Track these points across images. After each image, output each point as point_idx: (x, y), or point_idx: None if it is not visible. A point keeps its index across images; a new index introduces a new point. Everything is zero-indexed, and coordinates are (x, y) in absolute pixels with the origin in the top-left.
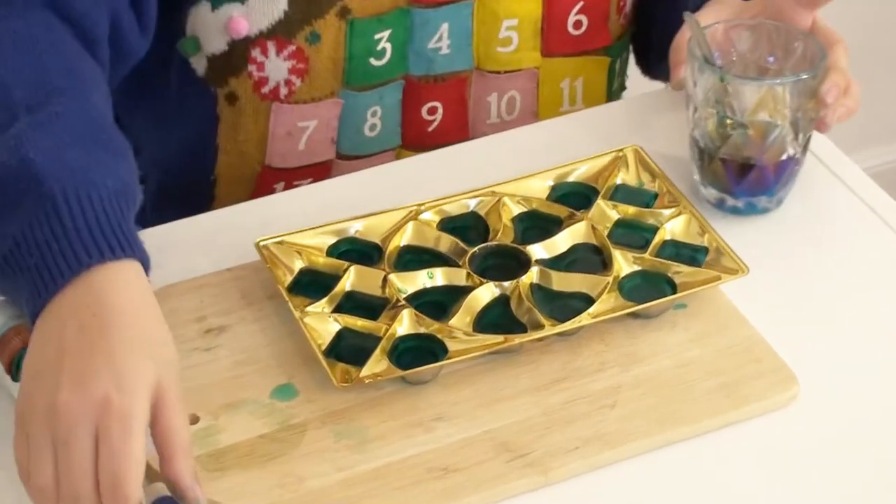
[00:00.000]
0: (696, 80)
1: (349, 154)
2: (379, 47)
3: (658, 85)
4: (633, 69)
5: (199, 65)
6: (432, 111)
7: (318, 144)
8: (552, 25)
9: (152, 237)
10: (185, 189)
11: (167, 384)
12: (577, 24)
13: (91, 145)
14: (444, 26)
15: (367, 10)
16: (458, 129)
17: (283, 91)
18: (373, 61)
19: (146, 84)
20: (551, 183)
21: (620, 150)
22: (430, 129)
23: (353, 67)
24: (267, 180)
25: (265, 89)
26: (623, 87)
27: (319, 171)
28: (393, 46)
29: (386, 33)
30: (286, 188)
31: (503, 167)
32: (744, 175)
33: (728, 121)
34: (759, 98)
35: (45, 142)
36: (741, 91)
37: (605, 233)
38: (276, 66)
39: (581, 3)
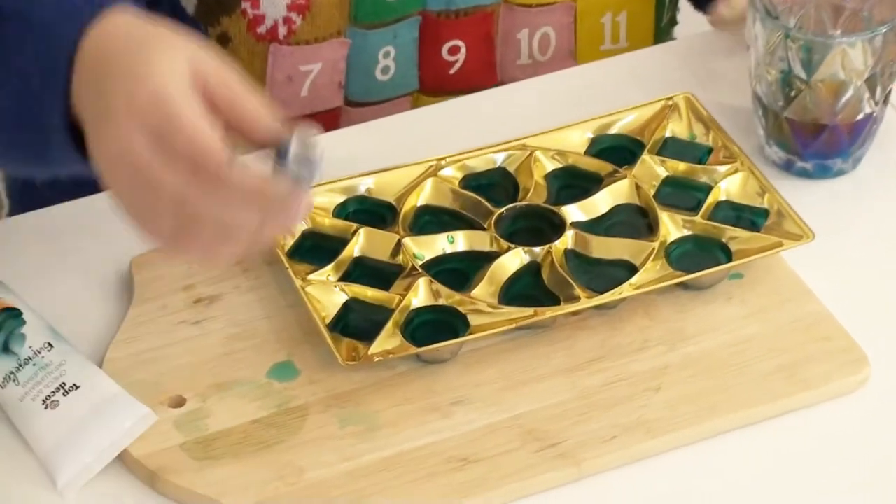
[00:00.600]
0: (756, 32)
1: (360, 100)
2: None
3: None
4: (684, 3)
5: (189, 3)
6: (454, 51)
7: (324, 90)
8: None
9: None
10: None
11: (203, 65)
12: None
13: None
14: None
15: None
16: (483, 72)
17: (282, 31)
18: None
19: None
20: (590, 135)
21: (670, 97)
22: (451, 71)
23: (362, 1)
24: None
25: (261, 29)
26: (674, 22)
27: (327, 120)
28: None
29: None
30: None
31: (536, 117)
32: (814, 136)
33: (795, 79)
34: (831, 55)
35: None
36: (808, 46)
37: (652, 192)
38: (273, 2)
39: None
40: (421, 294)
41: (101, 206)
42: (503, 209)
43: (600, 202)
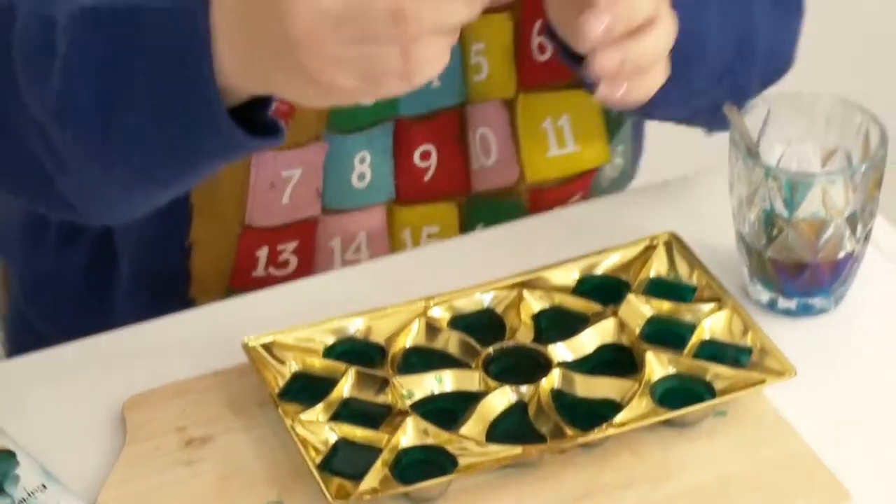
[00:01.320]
0: (738, 172)
1: (336, 208)
2: None
3: (700, 162)
4: None
5: None
6: (425, 156)
7: (303, 197)
8: (523, 51)
9: (124, 339)
10: (159, 264)
11: None
12: (542, 48)
13: None
14: None
15: None
16: (454, 179)
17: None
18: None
19: None
20: (577, 275)
21: (654, 237)
22: (425, 178)
23: (339, 107)
24: (248, 244)
25: None
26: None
27: (305, 230)
28: None
29: None
30: (270, 255)
31: (522, 257)
32: (796, 275)
33: (776, 218)
34: (811, 194)
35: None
36: (789, 185)
37: (637, 331)
38: None
39: (539, 23)
40: (409, 433)
41: (95, 348)
42: (490, 349)
43: (586, 341)
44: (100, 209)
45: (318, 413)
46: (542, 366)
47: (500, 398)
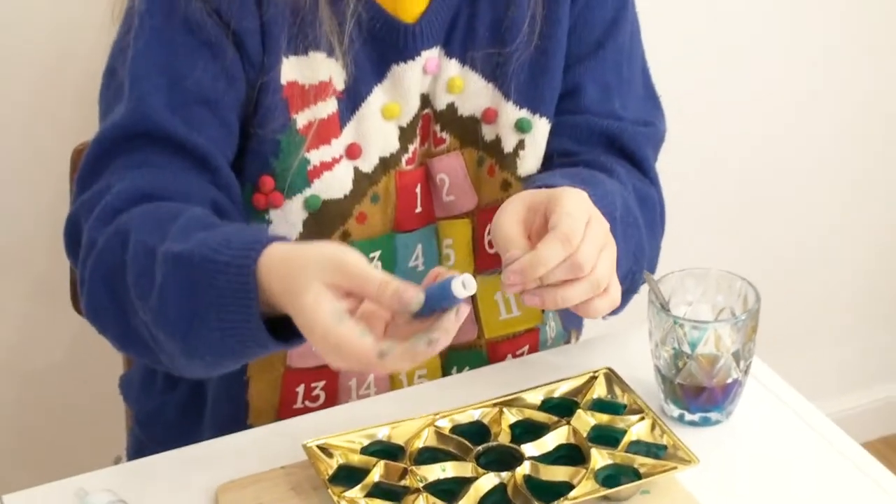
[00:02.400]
0: (654, 322)
1: None
2: (373, 265)
3: (628, 319)
4: None
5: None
6: None
7: None
8: (480, 245)
9: (216, 445)
10: (221, 389)
11: (334, 278)
12: (493, 244)
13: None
14: (419, 248)
15: (363, 234)
16: None
17: None
18: None
19: None
20: (541, 398)
21: (596, 371)
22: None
23: None
24: (289, 382)
25: None
26: None
27: (330, 373)
28: (383, 265)
29: (377, 253)
30: (305, 390)
31: (503, 386)
32: (697, 395)
33: (682, 355)
34: (706, 336)
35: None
36: (691, 332)
37: (585, 435)
38: None
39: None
40: None
41: (196, 450)
42: (480, 447)
43: (548, 442)
44: (188, 373)
45: (356, 492)
46: (517, 459)
47: (487, 482)
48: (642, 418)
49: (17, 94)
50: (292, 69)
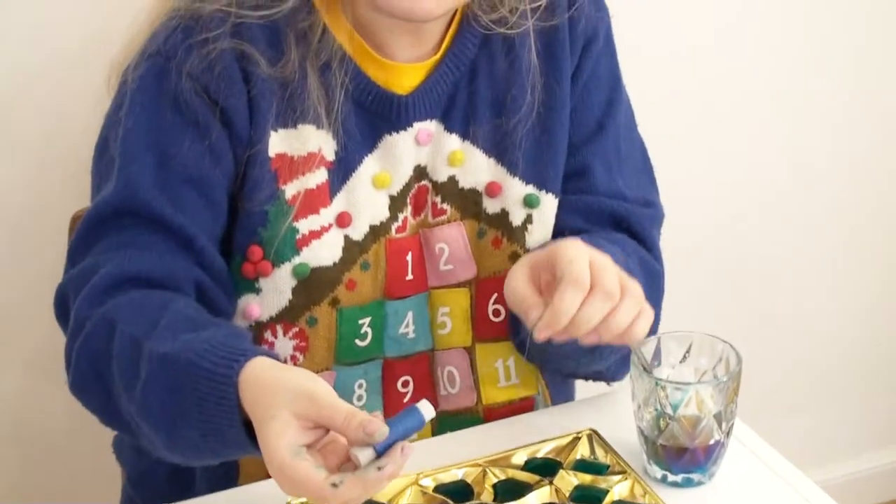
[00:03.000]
0: (637, 385)
1: None
2: (362, 331)
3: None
4: None
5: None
6: (405, 384)
7: None
8: (479, 314)
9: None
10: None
11: (302, 409)
12: (497, 313)
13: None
14: (410, 314)
15: (352, 301)
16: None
17: (289, 364)
18: (357, 342)
19: None
20: (525, 458)
21: (579, 432)
22: (405, 400)
23: (343, 347)
24: None
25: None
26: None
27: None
28: (372, 331)
29: (367, 320)
30: None
31: (488, 446)
32: (680, 457)
33: (664, 416)
34: (688, 398)
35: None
36: (673, 393)
37: (567, 495)
38: (283, 344)
39: (495, 295)
40: None
41: None
42: None
43: (531, 502)
44: (169, 460)
45: None
46: None
47: None
48: (625, 479)
49: (19, 160)
50: (281, 142)
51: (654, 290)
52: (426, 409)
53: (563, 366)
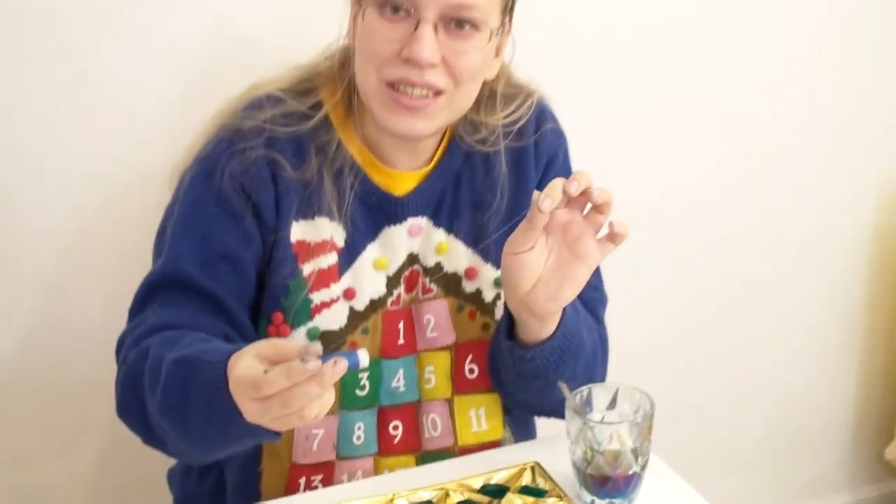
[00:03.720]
0: (571, 425)
1: (344, 456)
2: (361, 383)
3: (559, 427)
4: None
5: None
6: (395, 428)
7: (324, 448)
8: (458, 372)
9: None
10: (240, 479)
11: (260, 350)
12: (471, 371)
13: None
14: (401, 371)
15: None
16: (414, 443)
17: None
18: (358, 392)
19: None
20: (481, 483)
21: (525, 464)
22: (395, 441)
23: (346, 395)
24: (294, 475)
25: None
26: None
27: (326, 468)
28: (370, 384)
29: (366, 375)
30: (306, 482)
31: (454, 473)
32: (604, 484)
33: (591, 450)
34: (610, 435)
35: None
36: (598, 431)
37: None
38: None
39: (471, 356)
40: None
41: None
42: None
43: None
44: (191, 459)
45: None
46: None
47: None
48: (559, 502)
49: (102, 246)
50: (300, 230)
51: (603, 352)
52: (363, 356)
53: (529, 387)
